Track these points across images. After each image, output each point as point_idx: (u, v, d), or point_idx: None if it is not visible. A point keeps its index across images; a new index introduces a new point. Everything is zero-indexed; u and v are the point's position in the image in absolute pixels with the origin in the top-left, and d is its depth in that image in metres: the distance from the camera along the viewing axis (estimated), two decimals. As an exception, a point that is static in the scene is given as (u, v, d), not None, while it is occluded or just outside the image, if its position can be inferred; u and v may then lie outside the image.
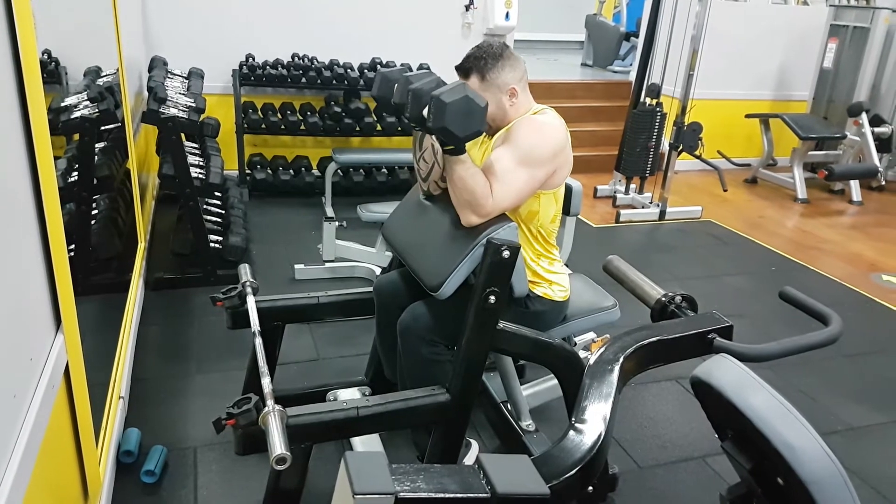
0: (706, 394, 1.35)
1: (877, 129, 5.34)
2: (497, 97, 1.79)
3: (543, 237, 1.88)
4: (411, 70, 4.57)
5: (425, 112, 1.60)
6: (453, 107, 1.53)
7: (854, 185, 5.33)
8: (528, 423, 2.05)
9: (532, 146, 1.74)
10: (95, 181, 2.13)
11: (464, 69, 1.80)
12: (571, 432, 1.39)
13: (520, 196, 1.75)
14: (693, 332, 1.73)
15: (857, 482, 1.18)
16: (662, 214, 4.62)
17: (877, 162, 5.26)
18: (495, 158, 1.75)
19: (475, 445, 1.98)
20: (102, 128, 2.30)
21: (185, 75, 3.95)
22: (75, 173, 1.88)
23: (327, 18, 4.56)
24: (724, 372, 1.32)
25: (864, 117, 5.28)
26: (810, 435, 1.16)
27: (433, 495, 1.12)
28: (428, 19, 4.76)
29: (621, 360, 1.57)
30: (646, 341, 1.65)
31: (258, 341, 1.72)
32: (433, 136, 1.74)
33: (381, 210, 3.05)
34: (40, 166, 1.31)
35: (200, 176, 3.18)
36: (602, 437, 1.38)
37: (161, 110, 2.99)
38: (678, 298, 1.90)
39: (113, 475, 1.92)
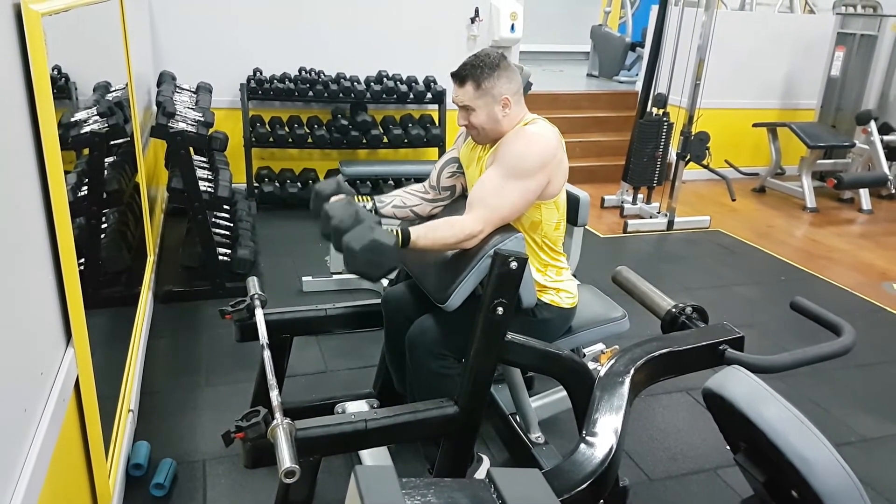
0: (718, 406, 1.34)
1: (886, 137, 5.32)
2: (490, 107, 1.79)
3: (549, 246, 1.87)
4: (412, 84, 4.60)
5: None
6: (361, 254, 1.56)
7: (864, 193, 5.30)
8: (537, 435, 2.03)
9: (519, 158, 1.73)
10: (105, 195, 2.15)
11: (460, 76, 1.80)
12: (582, 446, 1.38)
13: (514, 210, 1.75)
14: (704, 343, 1.71)
15: (871, 494, 1.16)
16: (670, 224, 4.61)
17: (886, 170, 5.23)
18: (486, 178, 1.76)
19: (486, 460, 1.96)
20: (112, 142, 2.32)
21: (193, 90, 3.98)
22: (85, 187, 1.89)
23: (333, 32, 4.60)
24: (736, 384, 1.31)
25: (872, 125, 5.26)
26: (825, 447, 1.15)
27: (443, 510, 1.11)
28: (433, 32, 4.78)
29: (632, 372, 1.56)
30: (657, 353, 1.64)
31: (266, 354, 1.72)
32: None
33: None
34: (51, 181, 1.33)
35: (209, 189, 3.19)
36: (613, 451, 1.36)
37: (170, 125, 3.01)
38: (689, 309, 1.89)
39: (123, 488, 1.92)
